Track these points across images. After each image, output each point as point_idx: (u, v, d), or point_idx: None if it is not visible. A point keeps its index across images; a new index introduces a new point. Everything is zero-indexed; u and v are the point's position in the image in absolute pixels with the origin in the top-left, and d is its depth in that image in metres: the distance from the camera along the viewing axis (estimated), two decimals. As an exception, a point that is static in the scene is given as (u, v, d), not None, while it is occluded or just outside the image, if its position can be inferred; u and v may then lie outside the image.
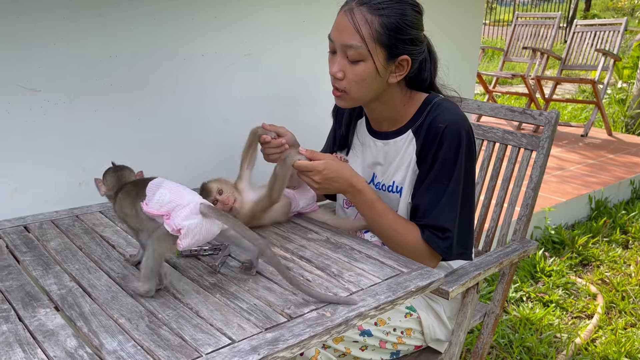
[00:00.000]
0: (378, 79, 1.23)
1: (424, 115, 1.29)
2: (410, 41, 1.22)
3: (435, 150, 1.25)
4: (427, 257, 1.27)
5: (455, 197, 1.26)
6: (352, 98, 1.26)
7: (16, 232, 1.22)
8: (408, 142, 1.31)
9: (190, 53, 1.58)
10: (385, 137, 1.36)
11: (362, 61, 1.21)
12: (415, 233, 1.27)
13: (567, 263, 2.82)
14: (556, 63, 8.48)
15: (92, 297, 0.96)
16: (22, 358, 0.79)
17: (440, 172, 1.25)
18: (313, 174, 1.23)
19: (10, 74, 1.29)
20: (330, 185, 1.25)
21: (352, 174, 1.27)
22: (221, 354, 0.81)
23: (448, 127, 1.24)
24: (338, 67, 1.23)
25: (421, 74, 1.31)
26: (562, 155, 4.45)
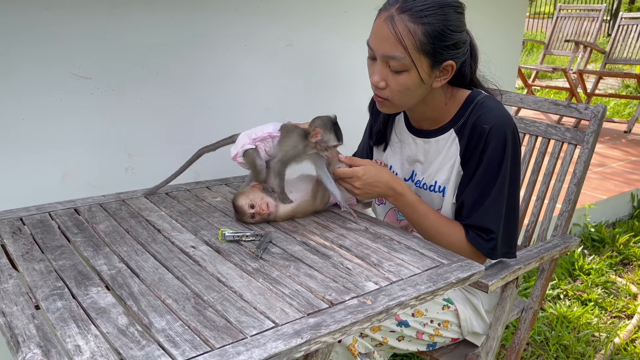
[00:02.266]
0: (422, 86, 1.20)
1: (466, 114, 1.26)
2: (454, 46, 1.17)
3: (481, 152, 1.23)
4: (472, 257, 1.25)
5: (500, 198, 1.24)
6: (395, 105, 1.25)
7: (67, 214, 1.27)
8: (451, 141, 1.29)
9: (233, 43, 1.60)
10: (426, 135, 1.34)
11: (405, 71, 1.17)
12: (459, 233, 1.26)
13: (607, 262, 2.76)
14: (599, 57, 8.23)
15: (140, 278, 1.00)
16: (77, 333, 0.82)
17: (485, 173, 1.24)
18: (353, 180, 1.24)
19: (64, 62, 1.33)
20: (371, 190, 1.25)
21: (391, 177, 1.27)
22: (265, 336, 0.83)
23: (493, 128, 1.21)
24: (379, 77, 1.19)
25: (462, 70, 1.28)
26: (604, 151, 4.33)
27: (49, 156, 1.37)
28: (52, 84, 1.33)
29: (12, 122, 1.30)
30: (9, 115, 1.29)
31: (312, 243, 1.18)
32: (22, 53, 1.28)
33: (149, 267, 1.04)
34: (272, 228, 1.25)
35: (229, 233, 1.17)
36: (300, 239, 1.20)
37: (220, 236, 1.17)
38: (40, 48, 1.30)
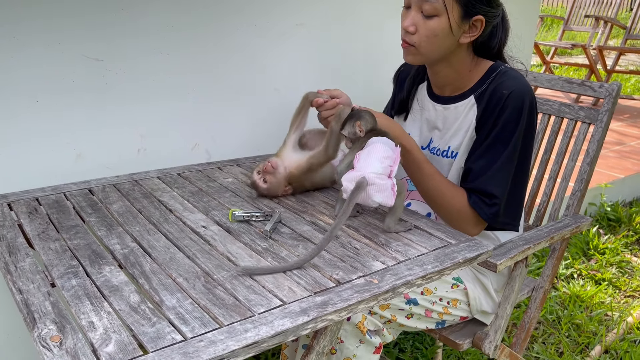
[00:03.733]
0: (450, 36, 1.22)
1: (488, 82, 1.28)
2: (487, 2, 1.21)
3: (497, 116, 1.23)
4: (472, 222, 1.26)
5: (509, 164, 1.24)
6: (420, 53, 1.25)
7: (81, 195, 1.29)
8: (469, 107, 1.30)
9: (243, 23, 1.60)
10: (446, 102, 1.35)
11: (436, 16, 1.20)
12: (461, 197, 1.26)
13: (622, 241, 2.74)
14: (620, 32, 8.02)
15: (152, 257, 1.02)
16: (90, 310, 0.85)
17: (498, 137, 1.23)
18: None
19: (75, 44, 1.35)
20: None
21: (401, 133, 1.26)
22: (273, 314, 0.85)
23: (512, 93, 1.22)
24: (411, 21, 1.23)
25: (491, 41, 1.29)
26: (623, 129, 4.26)
27: (63, 138, 1.39)
28: (64, 66, 1.34)
29: (26, 104, 1.32)
30: (23, 98, 1.31)
31: (321, 223, 1.19)
32: (33, 36, 1.29)
33: (160, 246, 1.06)
34: (282, 208, 1.26)
35: (239, 213, 1.19)
36: (310, 219, 1.21)
37: (230, 216, 1.19)
38: (52, 30, 1.31)
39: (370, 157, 1.12)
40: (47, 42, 1.31)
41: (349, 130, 1.20)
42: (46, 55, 1.32)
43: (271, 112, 1.73)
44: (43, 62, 1.32)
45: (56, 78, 1.34)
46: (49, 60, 1.32)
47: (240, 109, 1.67)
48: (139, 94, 1.47)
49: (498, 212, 1.25)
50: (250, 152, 1.70)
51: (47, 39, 1.31)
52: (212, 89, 1.60)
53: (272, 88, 1.71)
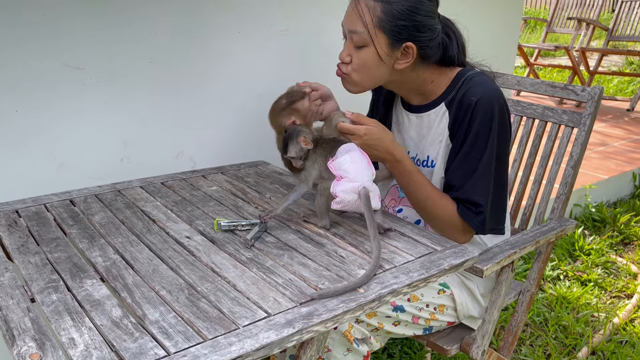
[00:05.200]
0: (382, 65, 1.24)
1: (456, 88, 1.28)
2: (414, 28, 1.20)
3: (468, 124, 1.24)
4: (461, 231, 1.27)
5: (487, 171, 1.24)
6: (354, 81, 1.28)
7: (63, 206, 1.27)
8: (441, 115, 1.30)
9: (226, 30, 1.59)
10: (418, 111, 1.36)
11: (365, 47, 1.23)
12: (451, 207, 1.27)
13: (607, 242, 2.76)
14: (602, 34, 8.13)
15: (134, 269, 1.01)
16: (71, 326, 0.83)
17: (472, 146, 1.24)
18: (354, 138, 1.21)
19: (55, 52, 1.33)
20: (370, 152, 1.23)
21: (392, 143, 1.25)
22: (258, 326, 0.84)
23: (480, 100, 1.22)
24: (346, 52, 1.27)
25: (447, 53, 1.29)
26: (606, 130, 4.31)
27: (44, 147, 1.37)
28: (44, 75, 1.32)
29: (5, 114, 1.30)
30: (1, 108, 1.29)
31: (306, 231, 1.18)
32: (13, 44, 1.27)
33: (143, 258, 1.05)
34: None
35: (225, 222, 1.18)
36: (295, 227, 1.20)
37: (215, 226, 1.18)
38: (31, 39, 1.29)
39: (357, 165, 1.13)
40: (26, 51, 1.29)
41: (295, 150, 1.19)
42: (25, 65, 1.30)
43: (256, 119, 1.72)
44: (22, 71, 1.30)
45: (36, 87, 1.32)
46: (28, 69, 1.30)
47: (224, 116, 1.66)
48: (121, 102, 1.45)
49: (485, 220, 1.25)
50: (235, 159, 1.69)
51: (25, 48, 1.29)
52: (196, 96, 1.58)
53: (256, 94, 1.70)
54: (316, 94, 1.38)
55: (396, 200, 1.44)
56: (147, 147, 1.53)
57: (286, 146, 1.20)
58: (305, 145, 1.19)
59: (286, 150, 1.20)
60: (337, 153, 1.16)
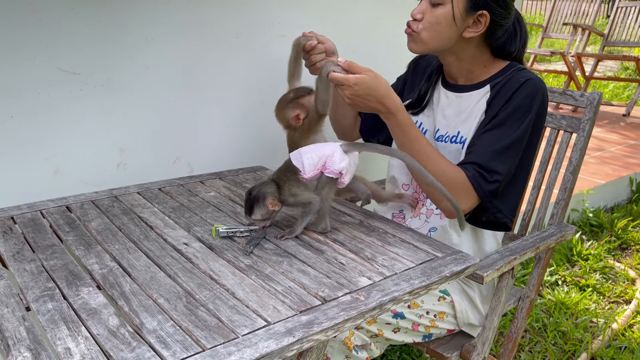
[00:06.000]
0: (453, 27, 1.23)
1: (506, 74, 1.28)
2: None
3: (510, 97, 1.23)
4: (462, 195, 1.19)
5: (516, 147, 1.21)
6: (422, 40, 1.26)
7: (59, 212, 1.26)
8: (483, 94, 1.29)
9: (224, 35, 1.58)
10: (459, 90, 1.34)
11: (441, 5, 1.22)
12: (454, 167, 1.21)
13: (605, 247, 2.76)
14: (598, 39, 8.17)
15: (132, 277, 0.99)
16: (67, 335, 0.82)
17: (508, 117, 1.22)
18: (345, 88, 1.16)
19: (51, 57, 1.31)
20: (362, 103, 1.18)
21: (386, 93, 1.18)
22: (257, 335, 0.82)
23: (528, 81, 1.23)
24: (419, 9, 1.26)
25: (508, 46, 1.30)
26: (602, 135, 4.32)
27: (40, 153, 1.35)
28: (39, 80, 1.31)
29: (1, 119, 1.28)
30: (-3, 113, 1.27)
31: (305, 238, 1.17)
32: (8, 49, 1.26)
33: (140, 265, 1.03)
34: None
35: (223, 229, 1.16)
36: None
37: (214, 232, 1.16)
38: (27, 44, 1.28)
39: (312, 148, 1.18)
40: (21, 56, 1.28)
41: (261, 212, 1.15)
42: (21, 70, 1.28)
43: (254, 124, 1.71)
44: (18, 76, 1.28)
45: (32, 92, 1.31)
46: (24, 74, 1.29)
47: (221, 121, 1.65)
48: (117, 107, 1.44)
49: (496, 192, 1.20)
50: (233, 164, 1.68)
51: (21, 53, 1.28)
52: (193, 101, 1.57)
53: (253, 99, 1.69)
54: (322, 46, 1.37)
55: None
56: (144, 152, 1.51)
57: (251, 208, 1.15)
58: (273, 207, 1.14)
59: (251, 213, 1.15)
60: (296, 164, 1.16)
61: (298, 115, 1.37)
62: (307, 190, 1.17)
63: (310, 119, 1.38)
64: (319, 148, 1.18)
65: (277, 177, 1.19)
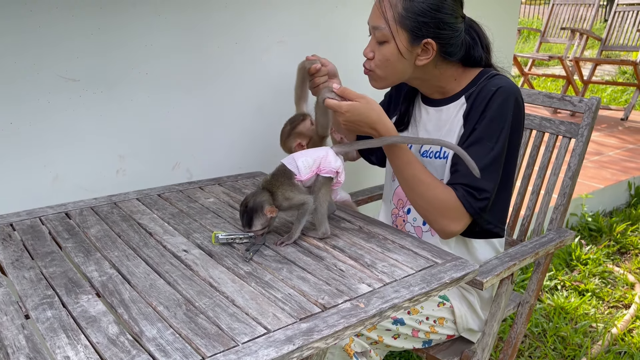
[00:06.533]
0: (402, 60, 1.26)
1: (478, 84, 1.29)
2: (435, 25, 1.22)
3: (484, 108, 1.24)
4: (455, 216, 1.21)
5: (498, 161, 1.22)
6: (378, 77, 1.30)
7: (58, 219, 1.25)
8: (459, 107, 1.30)
9: (224, 41, 1.58)
10: (437, 104, 1.35)
11: (386, 42, 1.25)
12: (446, 189, 1.23)
13: (604, 251, 2.76)
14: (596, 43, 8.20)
15: (131, 284, 0.99)
16: (66, 344, 0.82)
17: (485, 131, 1.23)
18: (338, 115, 1.20)
19: (50, 65, 1.32)
20: (355, 128, 1.22)
21: (378, 119, 1.20)
22: (257, 343, 0.82)
23: (500, 89, 1.24)
24: (370, 48, 1.30)
25: (472, 55, 1.31)
26: (601, 139, 4.33)
27: (39, 160, 1.35)
28: (39, 87, 1.31)
29: (0, 126, 1.28)
30: (-3, 120, 1.27)
31: (305, 244, 1.17)
32: (7, 56, 1.26)
33: (140, 272, 1.03)
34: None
35: (223, 235, 1.16)
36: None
37: (213, 239, 1.16)
38: (27, 51, 1.28)
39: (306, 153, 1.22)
40: (21, 64, 1.28)
41: (261, 222, 1.15)
42: (21, 77, 1.28)
43: (253, 130, 1.71)
44: (17, 83, 1.28)
45: (31, 99, 1.31)
46: (23, 81, 1.29)
47: (220, 127, 1.65)
48: (117, 114, 1.44)
49: (486, 208, 1.22)
50: (232, 170, 1.68)
51: (21, 60, 1.28)
52: (192, 108, 1.57)
53: (253, 105, 1.70)
54: (325, 69, 1.41)
55: (403, 201, 1.42)
56: (143, 158, 1.51)
57: (251, 220, 1.15)
58: (271, 214, 1.15)
59: (251, 224, 1.15)
60: (291, 168, 1.18)
61: (300, 143, 1.44)
62: (301, 193, 1.18)
63: (313, 141, 1.44)
64: (311, 152, 1.21)
65: (268, 184, 1.20)
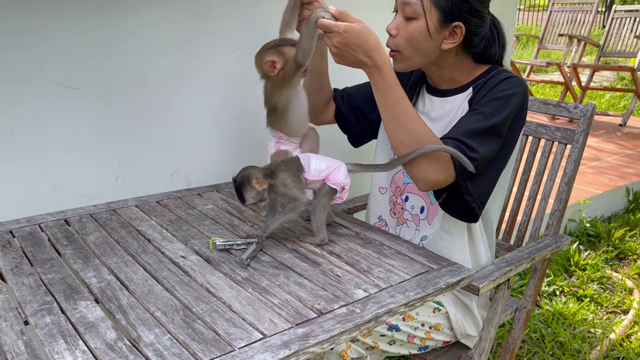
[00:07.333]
0: (429, 41, 1.24)
1: (487, 76, 1.29)
2: (468, 10, 1.22)
3: (489, 90, 1.24)
4: (439, 165, 1.17)
5: (495, 132, 1.19)
6: (405, 57, 1.27)
7: (57, 226, 1.26)
8: (466, 96, 1.31)
9: (222, 50, 1.60)
10: (443, 94, 1.36)
11: (415, 19, 1.23)
12: (434, 136, 1.18)
13: (602, 257, 2.77)
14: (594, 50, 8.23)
15: (129, 290, 1.00)
16: (65, 349, 0.82)
17: (487, 106, 1.22)
18: (333, 36, 1.12)
19: (49, 73, 1.33)
20: (348, 54, 1.14)
21: (375, 46, 1.14)
22: (253, 348, 0.83)
23: (509, 79, 1.25)
24: (394, 24, 1.27)
25: (488, 50, 1.32)
26: (599, 145, 4.34)
27: (39, 167, 1.36)
28: (39, 95, 1.32)
29: (0, 134, 1.29)
30: (-3, 128, 1.29)
31: (302, 250, 1.18)
32: (7, 65, 1.27)
33: (138, 278, 1.04)
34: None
35: (220, 242, 1.17)
36: (291, 246, 1.20)
37: (211, 245, 1.17)
38: (27, 59, 1.29)
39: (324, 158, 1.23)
40: (21, 72, 1.29)
41: (252, 195, 1.16)
42: (20, 85, 1.30)
43: (251, 137, 1.72)
44: (17, 91, 1.30)
45: (31, 107, 1.32)
46: (23, 89, 1.30)
47: (219, 134, 1.66)
48: (116, 121, 1.46)
49: (471, 172, 1.17)
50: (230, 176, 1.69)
51: (21, 68, 1.29)
52: (191, 115, 1.59)
53: (252, 113, 1.71)
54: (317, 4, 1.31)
55: (401, 188, 1.42)
56: (142, 165, 1.52)
57: (241, 195, 1.16)
58: (260, 187, 1.16)
59: (243, 199, 1.16)
60: (303, 164, 1.19)
61: (274, 62, 1.28)
62: (300, 189, 1.19)
63: (287, 70, 1.27)
64: (328, 160, 1.23)
65: (274, 165, 1.20)
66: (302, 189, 1.20)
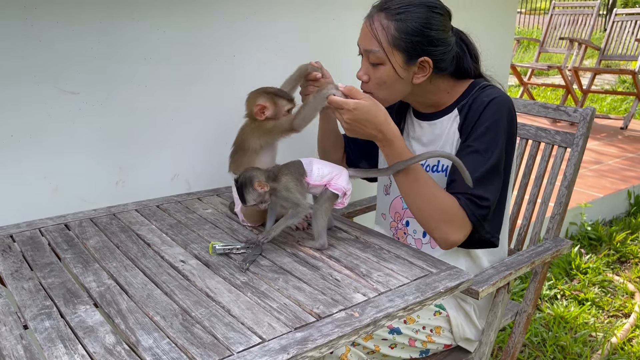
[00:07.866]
0: (400, 81, 1.27)
1: (470, 95, 1.30)
2: (429, 42, 1.23)
3: (478, 120, 1.25)
4: (457, 224, 1.21)
5: (496, 170, 1.23)
6: (379, 99, 1.26)
7: (57, 230, 1.27)
8: (453, 119, 1.32)
9: (222, 54, 1.60)
10: (430, 118, 1.37)
11: (381, 65, 1.25)
12: (448, 197, 1.21)
13: (604, 260, 2.76)
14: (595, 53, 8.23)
15: (128, 294, 1.00)
16: (64, 354, 0.83)
17: (480, 141, 1.24)
18: (344, 112, 1.16)
19: (50, 78, 1.33)
20: (359, 129, 1.18)
21: (384, 121, 1.18)
22: (252, 352, 0.83)
23: (493, 100, 1.25)
24: (363, 71, 1.30)
25: (462, 65, 1.32)
26: (600, 148, 4.33)
27: (39, 171, 1.37)
28: (40, 99, 1.33)
29: (1, 138, 1.30)
30: (-2, 132, 1.29)
31: (301, 254, 1.18)
32: (8, 69, 1.28)
33: (137, 283, 1.04)
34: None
35: (220, 246, 1.17)
36: (291, 250, 1.20)
37: (210, 249, 1.17)
38: (28, 64, 1.30)
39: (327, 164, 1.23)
40: (22, 76, 1.30)
41: (253, 197, 1.17)
42: (21, 89, 1.30)
43: (251, 141, 1.72)
44: (17, 96, 1.30)
45: (31, 112, 1.33)
46: (23, 94, 1.31)
47: (219, 138, 1.66)
48: (116, 126, 1.46)
49: (487, 216, 1.22)
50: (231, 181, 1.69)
51: (22, 73, 1.30)
52: (191, 119, 1.59)
53: (251, 117, 1.71)
54: (323, 81, 1.37)
55: (400, 213, 1.42)
56: (142, 170, 1.53)
57: (243, 196, 1.17)
58: (262, 189, 1.16)
59: (244, 200, 1.17)
60: (306, 168, 1.20)
61: (265, 108, 1.28)
62: (302, 193, 1.20)
63: (277, 125, 1.29)
64: (330, 165, 1.23)
65: (277, 168, 1.21)
66: (304, 193, 1.21)
